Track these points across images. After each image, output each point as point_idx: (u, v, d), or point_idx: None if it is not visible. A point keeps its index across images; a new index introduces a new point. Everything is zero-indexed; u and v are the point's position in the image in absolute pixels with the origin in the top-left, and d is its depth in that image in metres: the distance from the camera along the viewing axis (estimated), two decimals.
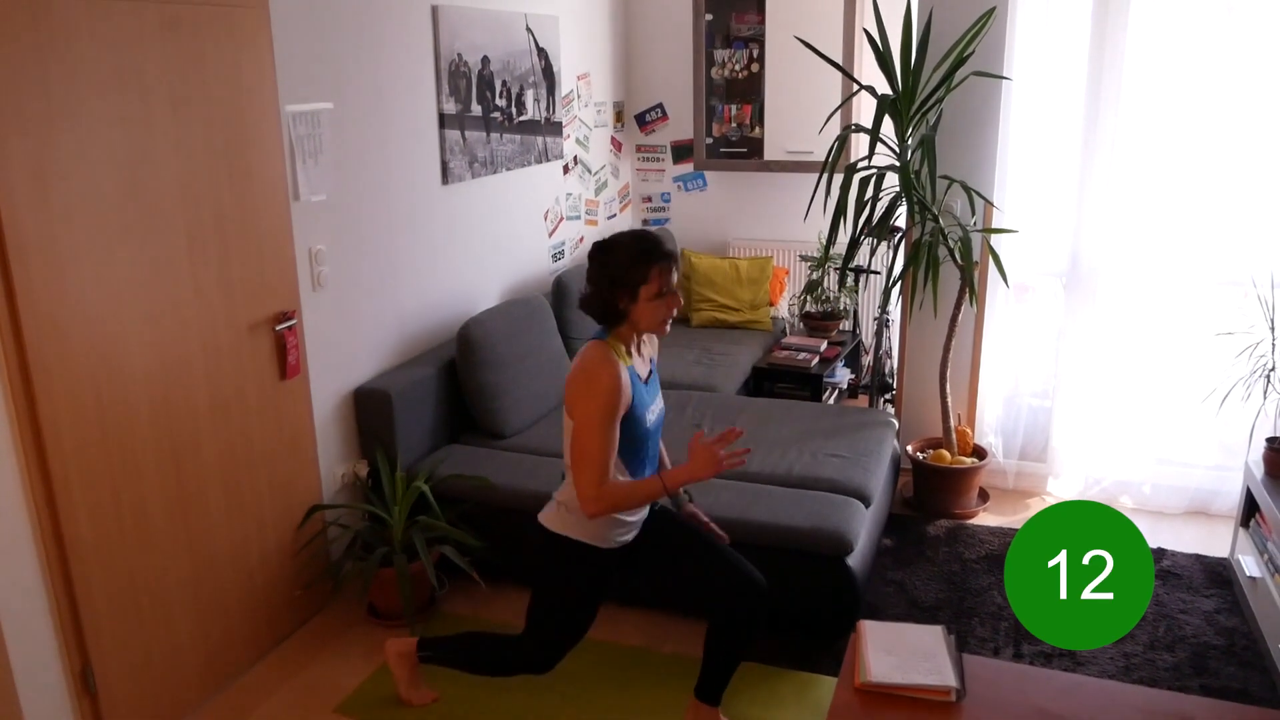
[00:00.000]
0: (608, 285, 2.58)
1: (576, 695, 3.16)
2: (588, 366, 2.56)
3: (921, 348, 4.62)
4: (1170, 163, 4.13)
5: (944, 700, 2.14)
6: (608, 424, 2.53)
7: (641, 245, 2.58)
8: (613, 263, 2.57)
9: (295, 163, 3.34)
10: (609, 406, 2.53)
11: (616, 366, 2.56)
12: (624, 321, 2.62)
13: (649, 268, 2.55)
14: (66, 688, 2.71)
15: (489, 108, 4.46)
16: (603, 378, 2.52)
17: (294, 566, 3.48)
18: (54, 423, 2.58)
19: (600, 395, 2.52)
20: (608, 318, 2.62)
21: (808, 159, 5.58)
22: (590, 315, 2.65)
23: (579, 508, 2.63)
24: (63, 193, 2.55)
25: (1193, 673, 3.23)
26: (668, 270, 2.58)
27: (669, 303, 2.61)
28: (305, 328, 3.45)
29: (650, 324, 2.62)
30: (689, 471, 2.55)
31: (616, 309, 2.60)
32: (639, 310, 2.59)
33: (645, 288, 2.56)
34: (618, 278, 2.56)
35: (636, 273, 2.55)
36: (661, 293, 2.58)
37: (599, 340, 2.64)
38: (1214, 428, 4.30)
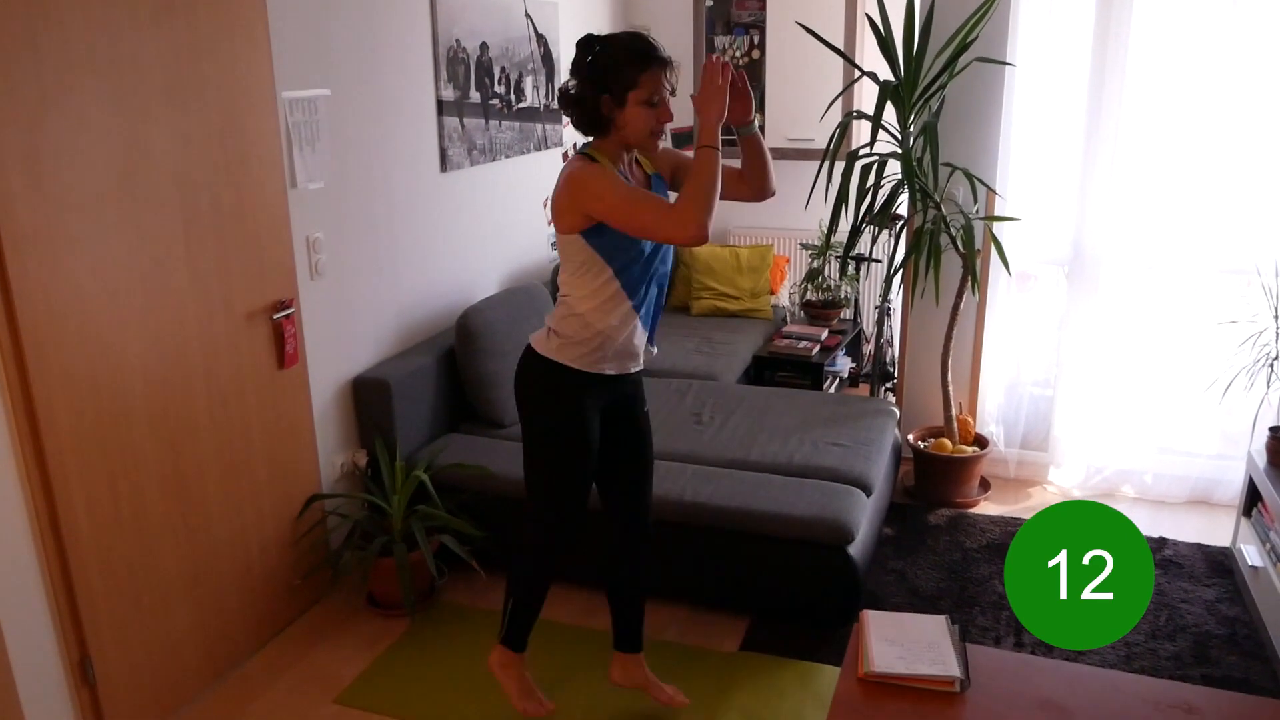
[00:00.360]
0: (591, 86, 2.40)
1: (577, 686, 3.14)
2: (569, 175, 2.42)
3: (923, 336, 4.60)
4: (1174, 150, 4.10)
5: (948, 690, 2.12)
6: (620, 186, 2.37)
7: (634, 46, 2.39)
8: (601, 60, 2.39)
9: (292, 150, 3.31)
10: (611, 178, 2.38)
11: (605, 169, 2.42)
12: (607, 131, 2.46)
13: (640, 71, 2.38)
14: (65, 678, 2.70)
15: (488, 94, 4.43)
16: (587, 173, 2.39)
17: (293, 556, 3.47)
18: (50, 412, 2.56)
19: (595, 181, 2.37)
20: (588, 124, 2.46)
21: (809, 146, 5.56)
22: (569, 116, 2.48)
23: (571, 333, 2.56)
24: (56, 180, 2.52)
25: (1194, 662, 3.22)
26: (660, 76, 2.40)
27: (659, 114, 2.43)
28: (303, 316, 3.43)
29: (636, 135, 2.44)
30: (706, 114, 2.38)
31: (599, 115, 2.43)
32: (625, 118, 2.41)
33: (634, 93, 2.39)
34: (604, 79, 2.39)
35: (625, 75, 2.37)
36: (651, 101, 2.40)
37: (581, 155, 2.48)
38: (1216, 417, 4.29)
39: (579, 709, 3.04)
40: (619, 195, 2.38)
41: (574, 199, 2.44)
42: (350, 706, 3.07)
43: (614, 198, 2.38)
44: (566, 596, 3.62)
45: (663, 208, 2.36)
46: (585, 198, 2.42)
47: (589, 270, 2.54)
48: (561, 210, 2.48)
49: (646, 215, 2.36)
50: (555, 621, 3.47)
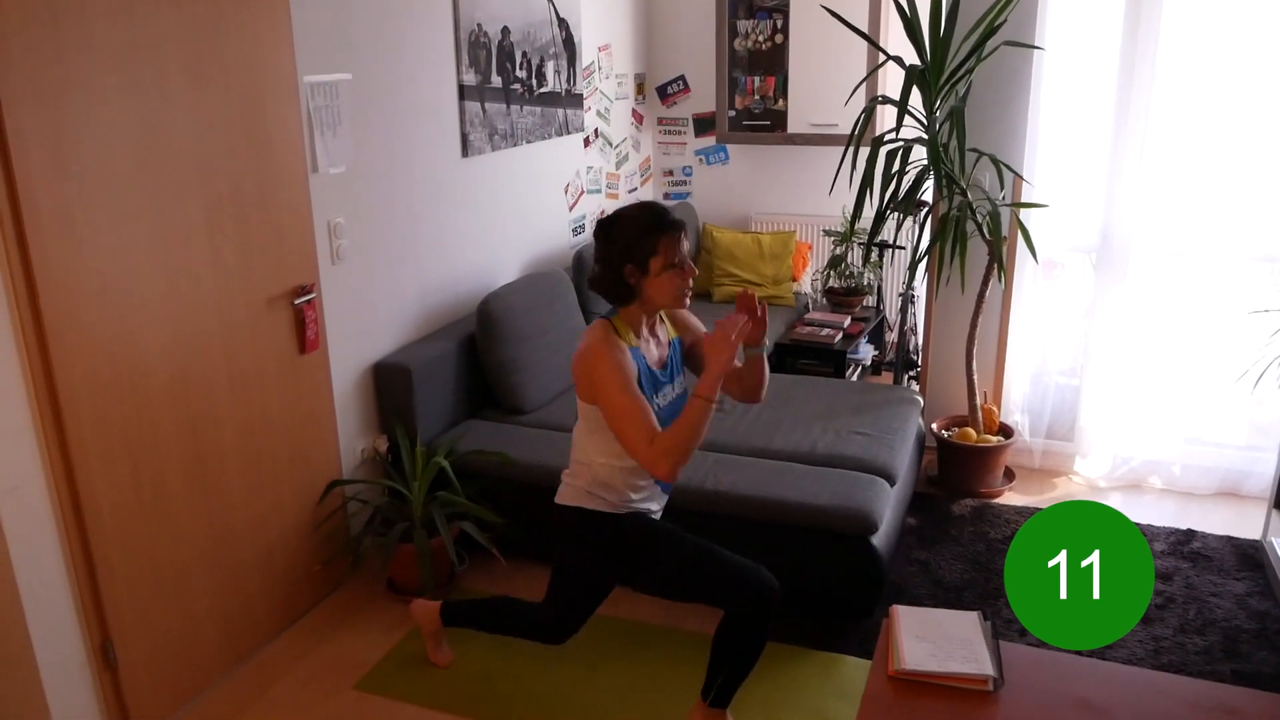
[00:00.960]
0: (615, 261, 2.50)
1: (596, 671, 3.13)
2: (587, 346, 2.50)
3: (947, 324, 4.55)
4: (1205, 136, 4.03)
5: (981, 690, 2.08)
6: (628, 386, 2.45)
7: (647, 216, 2.49)
8: (619, 236, 2.49)
9: (313, 134, 3.29)
10: (620, 372, 2.45)
11: (616, 343, 2.49)
12: (635, 299, 2.54)
13: (656, 239, 2.46)
14: (87, 662, 2.71)
15: (509, 79, 4.40)
16: (601, 352, 2.46)
17: (313, 541, 3.46)
18: (72, 396, 2.56)
19: (606, 366, 2.45)
20: (618, 295, 2.54)
21: (832, 132, 5.49)
22: (601, 295, 2.57)
23: (589, 483, 2.61)
24: (78, 163, 2.51)
25: (1224, 657, 3.17)
26: (676, 240, 2.48)
27: (683, 274, 2.51)
28: (324, 301, 3.42)
29: (665, 298, 2.52)
30: (710, 367, 2.43)
31: (626, 285, 2.51)
32: (650, 285, 2.50)
33: (654, 260, 2.47)
34: (625, 252, 2.48)
35: (644, 245, 2.46)
36: (672, 264, 2.48)
37: (602, 320, 2.57)
38: (1245, 407, 4.22)
39: (607, 700, 3.03)
40: (618, 397, 2.45)
41: (586, 372, 2.51)
42: (370, 692, 3.07)
43: (613, 397, 2.45)
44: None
45: (646, 436, 2.42)
46: (594, 378, 2.48)
47: (602, 432, 2.57)
48: (579, 378, 2.54)
49: (629, 435, 2.44)
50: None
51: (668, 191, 6.12)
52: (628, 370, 2.47)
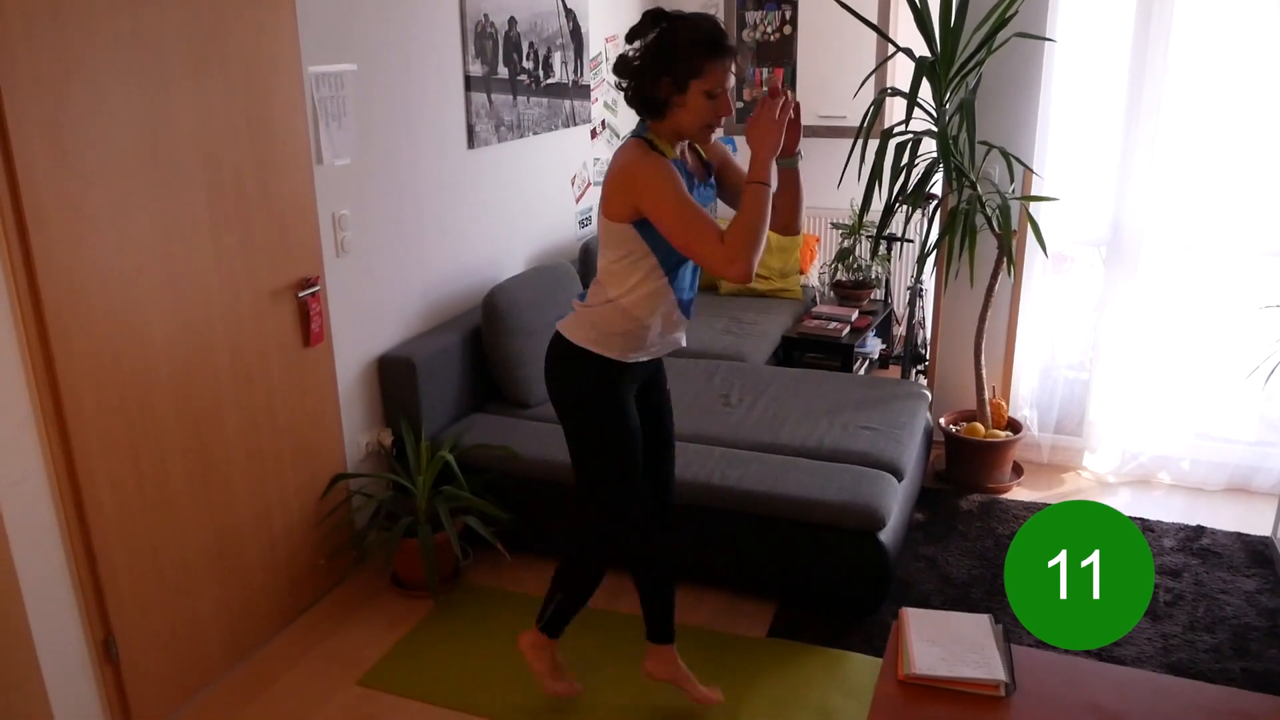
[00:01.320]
0: (654, 65, 2.29)
1: (599, 665, 3.11)
2: (629, 161, 2.32)
3: (956, 318, 4.51)
4: (1217, 129, 3.99)
5: (992, 695, 2.04)
6: (684, 194, 2.29)
7: (704, 31, 2.27)
8: (668, 40, 2.27)
9: (318, 125, 3.27)
10: (669, 177, 2.28)
11: (658, 157, 2.33)
12: (662, 115, 2.35)
13: (706, 60, 2.26)
14: (89, 657, 2.69)
15: (515, 70, 4.37)
16: (648, 166, 2.29)
17: (317, 536, 3.45)
18: (74, 389, 2.54)
19: (657, 178, 2.28)
20: (643, 103, 2.35)
21: (841, 124, 5.46)
22: (630, 105, 2.38)
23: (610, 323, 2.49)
24: (80, 154, 2.49)
25: (1234, 655, 3.14)
26: (726, 68, 2.28)
27: (718, 107, 2.32)
28: (329, 294, 3.40)
29: (692, 126, 2.34)
30: (760, 149, 2.29)
31: (656, 98, 2.32)
32: (683, 105, 2.30)
33: (697, 81, 2.27)
34: (668, 60, 2.27)
35: (691, 62, 2.26)
36: (713, 93, 2.29)
37: (636, 138, 2.38)
38: (1255, 402, 4.19)
39: (609, 697, 3.01)
40: (677, 206, 2.29)
41: (630, 189, 2.34)
42: (374, 688, 3.06)
43: (672, 207, 2.29)
44: None
45: (715, 237, 2.27)
46: (643, 193, 2.32)
47: (634, 260, 2.45)
48: (613, 196, 2.38)
49: (698, 240, 2.28)
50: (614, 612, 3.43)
51: None
52: (679, 179, 2.32)
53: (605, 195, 2.41)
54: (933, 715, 1.99)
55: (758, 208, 2.27)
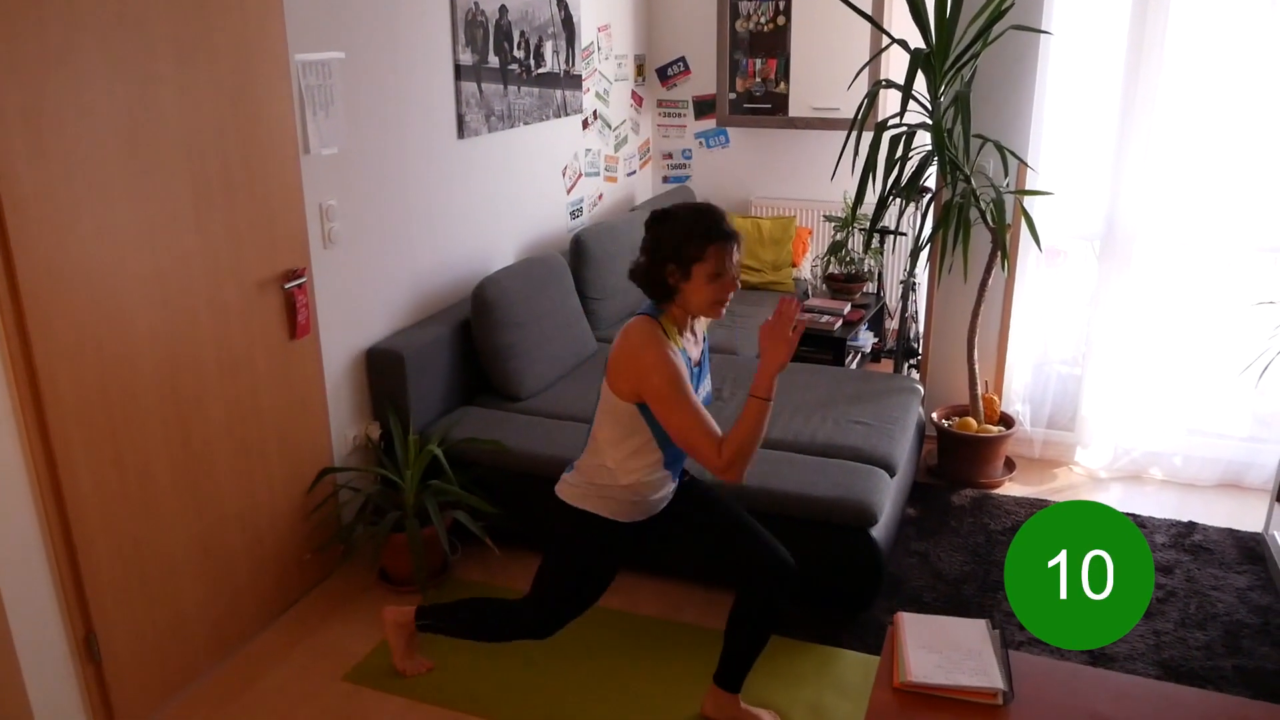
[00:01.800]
0: (660, 258, 2.44)
1: (589, 663, 3.09)
2: (635, 347, 2.43)
3: (949, 312, 4.49)
4: (1212, 125, 3.97)
5: (990, 703, 2.01)
6: (684, 391, 2.39)
7: (701, 221, 2.42)
8: (668, 235, 2.42)
9: (305, 114, 3.22)
10: (674, 375, 2.39)
11: (665, 345, 2.43)
12: (673, 299, 2.49)
13: (706, 245, 2.40)
14: (70, 654, 2.65)
15: (506, 59, 4.32)
16: (658, 358, 2.40)
17: (304, 530, 3.41)
18: (53, 382, 2.49)
19: (665, 374, 2.39)
20: (656, 292, 2.49)
21: (834, 116, 5.42)
22: (639, 287, 2.51)
23: (600, 480, 2.57)
24: (60, 142, 2.44)
25: (1225, 652, 3.13)
26: (727, 251, 2.42)
27: (725, 286, 2.45)
28: (316, 285, 3.35)
29: (701, 306, 2.47)
30: (767, 364, 2.39)
31: (665, 284, 2.46)
32: (690, 289, 2.44)
33: (700, 266, 2.41)
34: (672, 252, 2.41)
35: (692, 249, 2.40)
36: (718, 274, 2.42)
37: (647, 317, 2.49)
38: (1247, 398, 4.18)
39: (638, 703, 2.98)
40: (681, 406, 2.39)
41: (638, 377, 2.43)
42: (360, 685, 3.02)
43: (675, 407, 2.39)
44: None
45: (713, 442, 2.38)
46: (647, 387, 2.42)
47: (632, 435, 2.53)
48: (622, 377, 2.47)
49: (696, 446, 2.39)
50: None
51: (666, 175, 6.04)
52: (685, 377, 2.42)
53: (612, 369, 2.49)
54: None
55: (758, 422, 2.38)
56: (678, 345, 2.50)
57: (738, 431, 2.38)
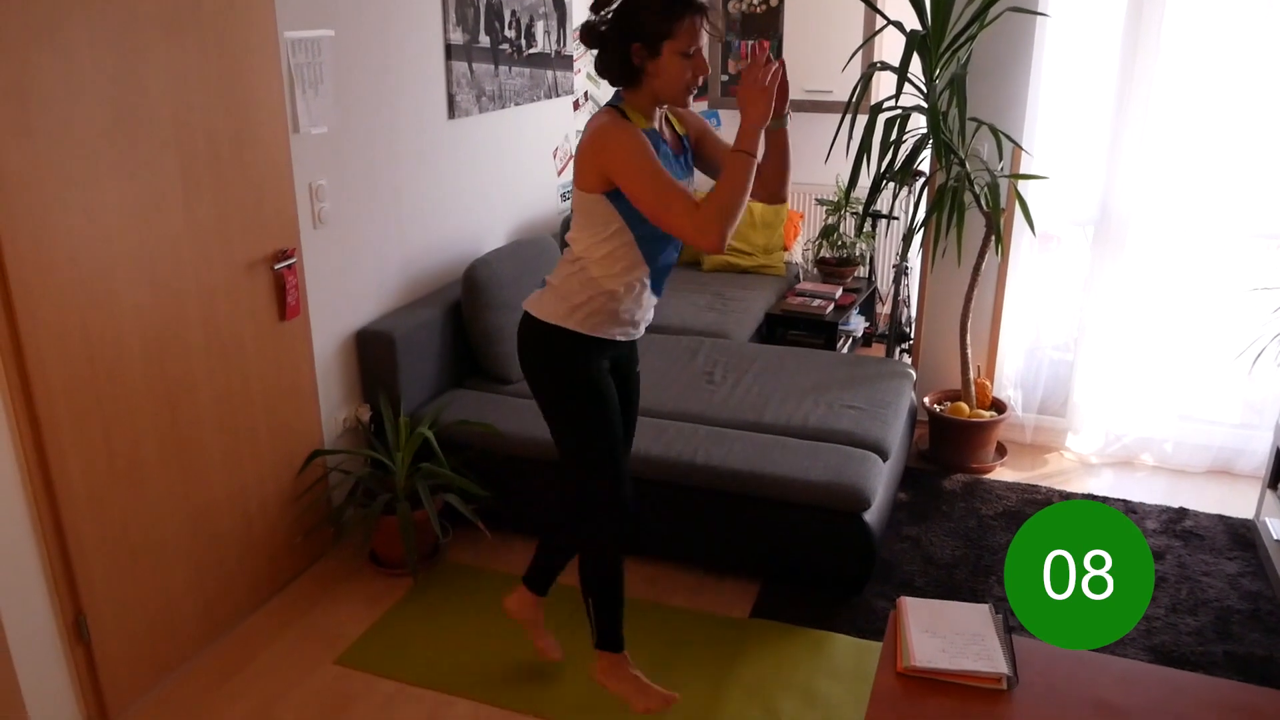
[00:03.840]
0: (622, 31, 2.25)
1: (579, 646, 3.08)
2: (599, 129, 2.27)
3: (942, 297, 4.48)
4: (1209, 109, 3.95)
5: (995, 688, 2.00)
6: (650, 159, 2.23)
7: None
8: (633, 5, 2.24)
9: (294, 93, 3.18)
10: (638, 146, 2.23)
11: (628, 125, 2.27)
12: (639, 83, 2.31)
13: (676, 20, 2.21)
14: (59, 636, 2.63)
15: (497, 39, 4.27)
16: (618, 134, 2.24)
17: (294, 512, 3.39)
18: (41, 363, 2.46)
19: (627, 145, 2.23)
20: (616, 73, 2.30)
21: (826, 99, 5.39)
22: (603, 76, 2.33)
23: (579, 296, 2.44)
24: (46, 119, 2.40)
25: (1216, 638, 3.14)
26: (698, 25, 2.24)
27: (695, 65, 2.27)
28: (305, 267, 3.32)
29: (670, 89, 2.29)
30: (749, 116, 2.22)
31: (631, 65, 2.27)
32: (658, 69, 2.26)
33: (670, 43, 2.23)
34: (638, 27, 2.23)
35: (661, 22, 2.22)
36: (687, 52, 2.25)
37: (608, 107, 2.34)
38: (1239, 385, 4.18)
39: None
40: (647, 174, 2.23)
41: (599, 158, 2.29)
42: (351, 667, 3.01)
43: (642, 174, 2.24)
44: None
45: (688, 206, 2.22)
46: (611, 161, 2.27)
47: (608, 231, 2.40)
48: (585, 167, 2.33)
49: (668, 208, 2.23)
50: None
51: None
52: (650, 148, 2.26)
53: (577, 165, 2.36)
54: (934, 709, 1.94)
55: (740, 178, 2.22)
56: (643, 126, 2.34)
57: (717, 188, 2.22)
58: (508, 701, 2.86)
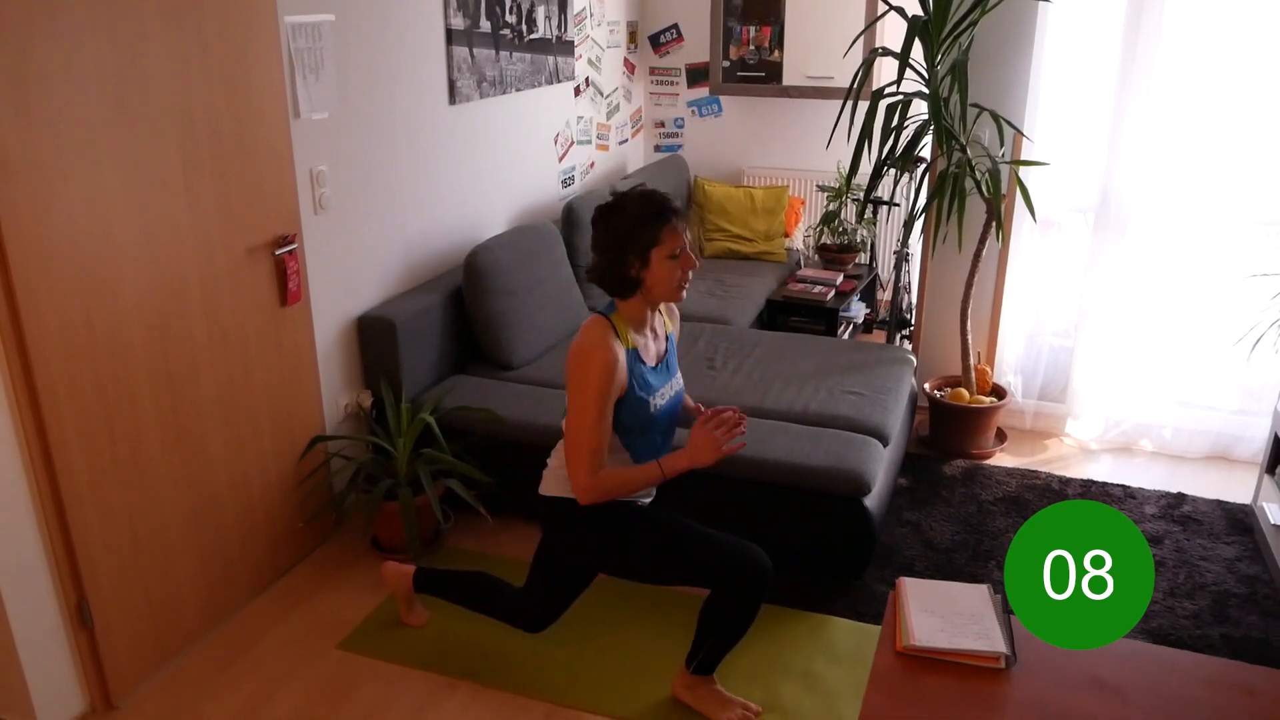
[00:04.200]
0: (616, 251, 2.42)
1: (580, 630, 3.09)
2: (582, 347, 2.43)
3: (942, 283, 4.48)
4: (1210, 96, 3.95)
5: (993, 667, 2.02)
6: (598, 409, 2.41)
7: (649, 204, 2.42)
8: (619, 225, 2.41)
9: (295, 78, 3.17)
10: (600, 391, 2.40)
11: (612, 349, 2.41)
12: (637, 291, 2.46)
13: (659, 228, 2.39)
14: (62, 622, 2.64)
15: (498, 24, 4.27)
16: (594, 360, 2.39)
17: (296, 498, 3.40)
18: (43, 349, 2.46)
19: (591, 379, 2.39)
20: (620, 287, 2.47)
21: (828, 85, 5.38)
22: (601, 287, 2.49)
23: None
24: (46, 106, 2.40)
25: (1213, 621, 3.16)
26: (678, 229, 2.43)
27: (684, 263, 2.44)
28: (306, 252, 3.32)
29: (665, 290, 2.46)
30: (689, 457, 2.45)
31: (628, 277, 2.44)
32: (652, 276, 2.43)
33: (657, 250, 2.40)
34: (627, 242, 2.40)
35: (646, 234, 2.39)
36: (675, 254, 2.42)
37: (600, 317, 2.49)
38: (1238, 371, 4.19)
39: (629, 665, 2.99)
40: (589, 412, 2.40)
41: (573, 370, 2.44)
42: (353, 652, 3.02)
43: (585, 410, 2.41)
44: None
45: (592, 463, 2.43)
46: (574, 377, 2.43)
47: None
48: (570, 374, 2.47)
49: (580, 453, 2.43)
50: None
51: (659, 144, 6.00)
52: (608, 389, 2.41)
53: (566, 372, 2.49)
54: (933, 687, 1.96)
55: (644, 483, 2.49)
56: (627, 345, 2.48)
57: (624, 473, 2.46)
58: (509, 684, 2.88)
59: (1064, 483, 4.02)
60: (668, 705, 2.80)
